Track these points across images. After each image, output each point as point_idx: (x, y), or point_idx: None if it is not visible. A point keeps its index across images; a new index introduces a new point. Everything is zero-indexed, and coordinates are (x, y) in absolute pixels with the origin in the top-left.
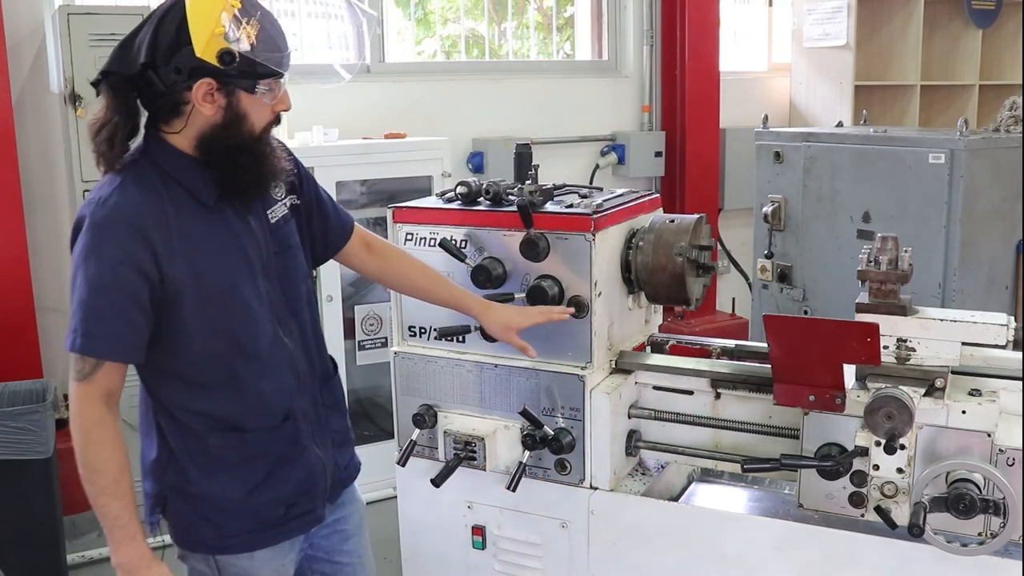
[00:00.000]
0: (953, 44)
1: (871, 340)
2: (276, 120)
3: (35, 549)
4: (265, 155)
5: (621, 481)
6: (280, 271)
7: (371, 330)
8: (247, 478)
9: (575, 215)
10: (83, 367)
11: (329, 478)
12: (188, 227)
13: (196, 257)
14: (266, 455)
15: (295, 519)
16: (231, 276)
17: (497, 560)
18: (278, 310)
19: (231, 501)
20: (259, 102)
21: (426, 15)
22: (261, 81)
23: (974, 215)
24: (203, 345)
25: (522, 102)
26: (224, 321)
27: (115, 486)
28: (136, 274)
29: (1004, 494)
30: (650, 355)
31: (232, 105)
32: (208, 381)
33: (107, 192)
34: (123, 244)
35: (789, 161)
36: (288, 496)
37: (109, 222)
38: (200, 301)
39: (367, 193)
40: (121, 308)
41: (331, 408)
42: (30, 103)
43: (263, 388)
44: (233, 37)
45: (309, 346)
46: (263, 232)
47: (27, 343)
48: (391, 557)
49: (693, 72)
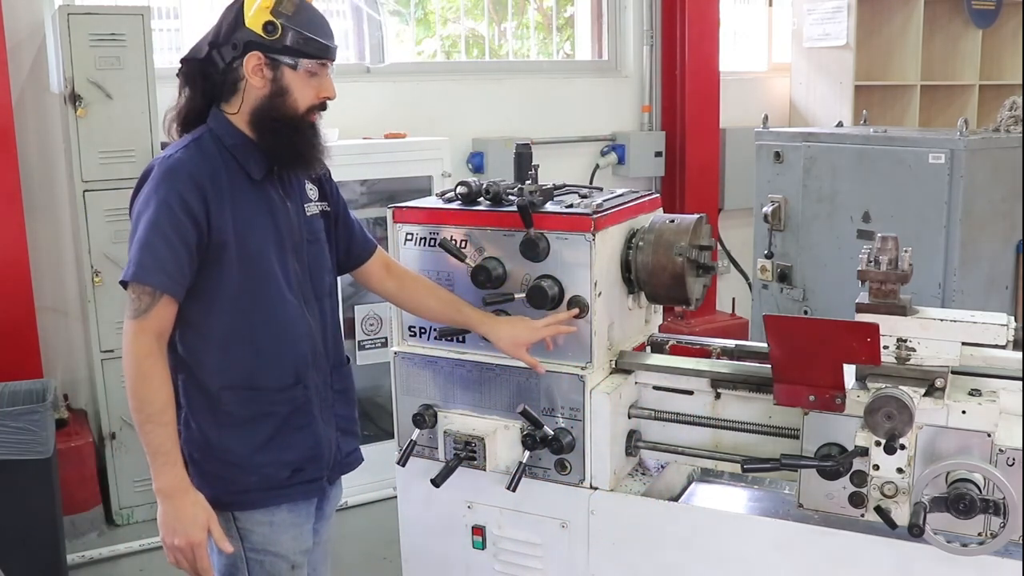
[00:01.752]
0: (953, 44)
1: (871, 340)
2: (321, 106)
3: (35, 549)
4: (306, 135)
5: (621, 481)
6: (310, 258)
7: (371, 330)
8: (254, 435)
9: (575, 215)
10: (139, 304)
11: (333, 455)
12: (238, 194)
13: (240, 220)
14: (273, 415)
15: (302, 484)
16: (266, 245)
17: (497, 560)
18: (304, 290)
19: (239, 456)
20: (303, 81)
21: (426, 15)
22: (303, 59)
23: (974, 215)
24: (233, 301)
25: (522, 102)
26: (255, 282)
27: (161, 415)
28: (189, 219)
29: (1004, 494)
30: (650, 355)
31: (277, 79)
32: (229, 336)
33: (173, 151)
34: (181, 191)
35: (789, 161)
36: (294, 460)
37: (172, 172)
38: (238, 259)
39: (367, 193)
40: (173, 246)
41: (340, 394)
42: (30, 103)
43: (280, 349)
44: (280, 12)
45: (327, 331)
46: (299, 219)
47: (27, 343)
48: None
49: (693, 72)
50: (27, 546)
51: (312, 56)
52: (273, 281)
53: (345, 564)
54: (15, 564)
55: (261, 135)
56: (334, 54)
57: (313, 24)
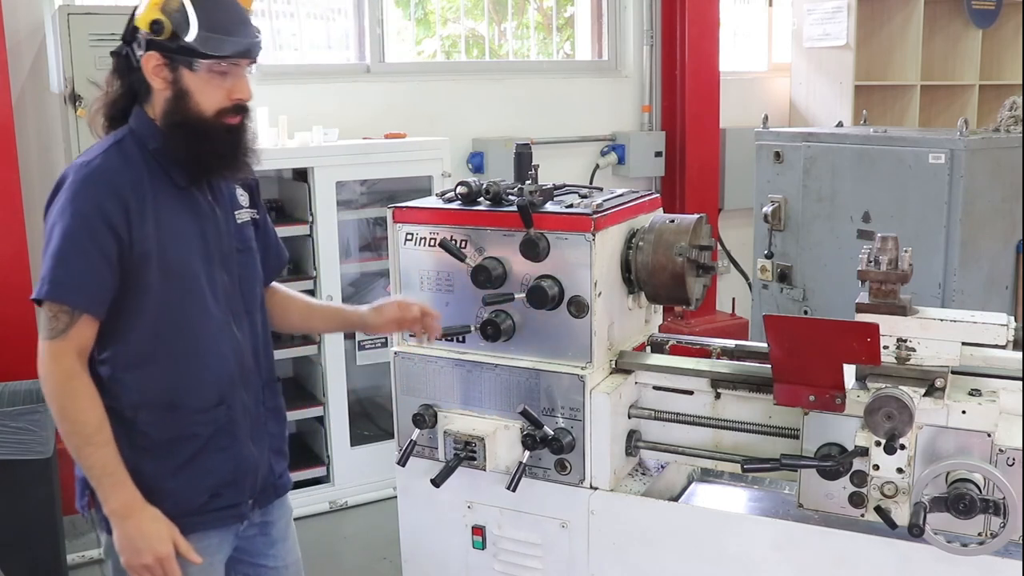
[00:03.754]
0: (953, 44)
1: (871, 340)
2: (236, 108)
3: (35, 549)
4: (218, 140)
5: (621, 481)
6: (240, 268)
7: None
8: (171, 459)
9: (575, 215)
10: (56, 324)
11: (261, 480)
12: (162, 202)
13: (164, 231)
14: (193, 437)
15: (218, 511)
16: (191, 257)
17: (497, 560)
18: (233, 304)
19: (152, 480)
20: (205, 82)
21: (426, 15)
22: (201, 60)
23: (974, 215)
24: (153, 316)
25: (522, 102)
26: (178, 296)
27: (98, 435)
28: (108, 230)
29: (1004, 494)
30: (650, 355)
31: (177, 81)
32: (148, 353)
33: (91, 156)
34: (99, 201)
35: (789, 161)
36: (213, 485)
37: (90, 180)
38: (160, 272)
39: (367, 193)
40: (91, 260)
41: (272, 411)
42: (30, 103)
43: (202, 367)
44: (170, 9)
45: (258, 346)
46: (228, 227)
47: (27, 343)
48: (391, 557)
49: (693, 72)
50: (27, 546)
51: (213, 56)
52: (198, 295)
53: (345, 564)
54: (15, 564)
55: (170, 141)
56: (246, 52)
57: (215, 20)
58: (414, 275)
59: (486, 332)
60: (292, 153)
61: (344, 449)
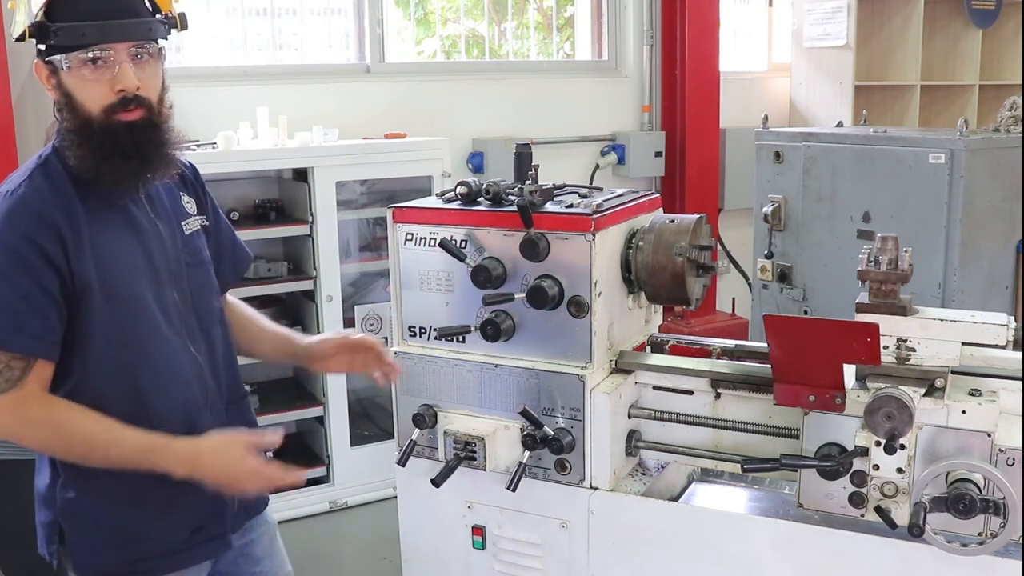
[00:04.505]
0: (953, 44)
1: (871, 340)
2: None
3: (35, 549)
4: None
5: (621, 481)
6: (192, 284)
7: (371, 330)
8: (146, 499)
9: (575, 215)
10: (10, 375)
11: (236, 503)
12: (97, 224)
13: (103, 257)
14: (166, 474)
15: (202, 544)
16: (136, 281)
17: (497, 560)
18: (188, 324)
19: (131, 523)
20: (83, 79)
21: (426, 15)
22: (65, 56)
23: (974, 215)
24: (103, 351)
25: (522, 102)
26: (127, 325)
27: (108, 433)
28: (46, 265)
29: (1004, 494)
30: (650, 355)
31: (60, 84)
32: (108, 393)
33: (14, 185)
34: (31, 234)
35: (789, 161)
36: (193, 520)
37: (16, 212)
38: (106, 304)
39: (367, 193)
40: (32, 299)
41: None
42: (30, 103)
43: (165, 399)
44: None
45: (218, 365)
46: (175, 241)
47: None
48: (391, 557)
49: (693, 72)
50: (27, 546)
51: (81, 45)
52: (148, 321)
53: (345, 564)
54: (15, 564)
55: (73, 152)
56: (119, 34)
57: (72, 7)
58: (414, 275)
59: (486, 332)
60: (292, 153)
61: (344, 449)
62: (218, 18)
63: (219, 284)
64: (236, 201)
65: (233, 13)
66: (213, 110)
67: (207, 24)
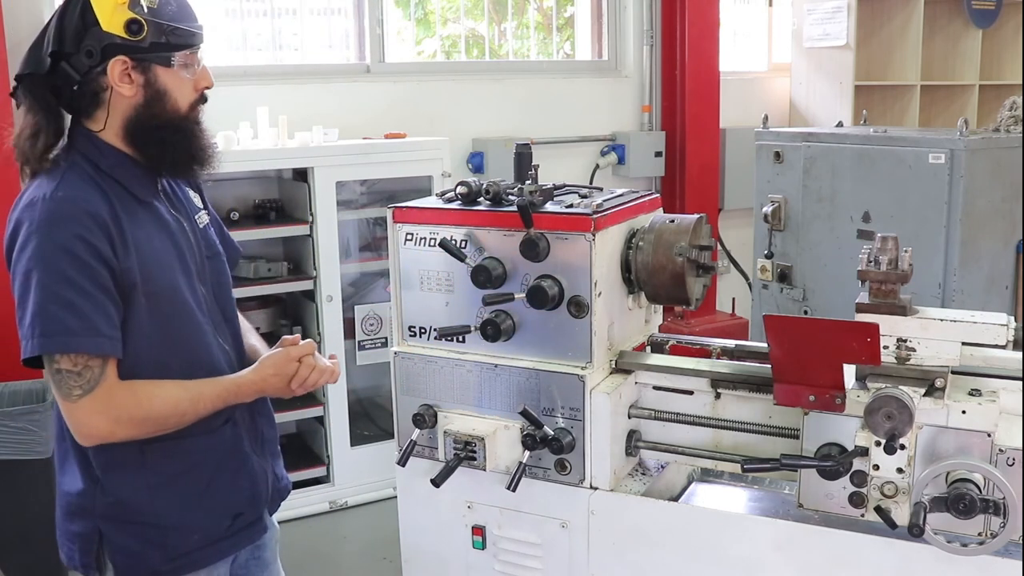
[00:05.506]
0: (953, 44)
1: (871, 340)
2: (202, 99)
3: (35, 549)
4: (195, 134)
5: (621, 481)
6: (213, 276)
7: (371, 330)
8: (190, 489)
9: (575, 215)
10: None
11: (270, 487)
12: (133, 223)
13: (143, 254)
14: (206, 463)
15: (243, 530)
16: (173, 277)
17: (497, 560)
18: (213, 315)
19: (176, 517)
20: (179, 77)
21: (426, 15)
22: (176, 53)
23: (974, 215)
24: (147, 346)
25: (522, 102)
26: (170, 321)
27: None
28: (100, 263)
29: (1004, 494)
30: (650, 355)
31: (151, 82)
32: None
33: (48, 189)
34: (81, 233)
35: (789, 161)
36: (234, 506)
37: (64, 213)
38: (147, 298)
39: (367, 193)
40: (94, 299)
41: (263, 416)
42: None
43: None
44: (139, 5)
45: (242, 354)
46: (195, 235)
47: None
48: (391, 557)
49: (693, 72)
50: (27, 546)
51: (183, 47)
52: (189, 315)
53: (345, 564)
54: (15, 564)
55: (145, 148)
56: (202, 36)
57: (178, 9)
58: (414, 275)
59: (486, 332)
60: (292, 153)
61: (344, 449)
62: (218, 18)
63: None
64: (236, 201)
65: (233, 13)
66: (213, 110)
67: (207, 24)
